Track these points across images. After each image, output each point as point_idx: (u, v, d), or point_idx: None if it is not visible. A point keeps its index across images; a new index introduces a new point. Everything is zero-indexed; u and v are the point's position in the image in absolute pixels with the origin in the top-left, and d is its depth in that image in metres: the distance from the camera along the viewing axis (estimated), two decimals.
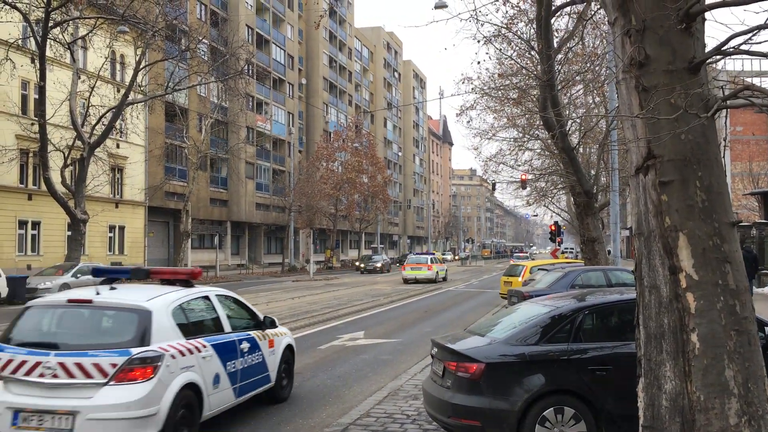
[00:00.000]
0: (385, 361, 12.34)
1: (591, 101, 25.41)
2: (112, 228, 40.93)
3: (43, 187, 31.06)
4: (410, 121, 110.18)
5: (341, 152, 65.20)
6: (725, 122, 43.73)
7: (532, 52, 17.74)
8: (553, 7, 14.57)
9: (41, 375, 6.19)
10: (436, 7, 20.27)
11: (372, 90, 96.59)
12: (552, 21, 14.87)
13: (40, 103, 28.96)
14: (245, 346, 7.95)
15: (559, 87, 18.00)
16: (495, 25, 17.14)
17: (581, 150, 25.95)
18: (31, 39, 29.71)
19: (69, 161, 31.34)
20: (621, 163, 22.68)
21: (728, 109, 5.27)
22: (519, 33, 17.94)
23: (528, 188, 31.46)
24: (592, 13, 15.80)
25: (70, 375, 6.14)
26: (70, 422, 6.01)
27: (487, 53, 40.30)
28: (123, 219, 41.93)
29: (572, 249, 75.83)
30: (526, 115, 23.54)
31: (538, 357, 6.32)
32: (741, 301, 4.44)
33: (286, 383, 9.17)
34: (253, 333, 8.32)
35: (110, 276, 7.76)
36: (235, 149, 50.98)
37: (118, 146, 39.72)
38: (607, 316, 7.04)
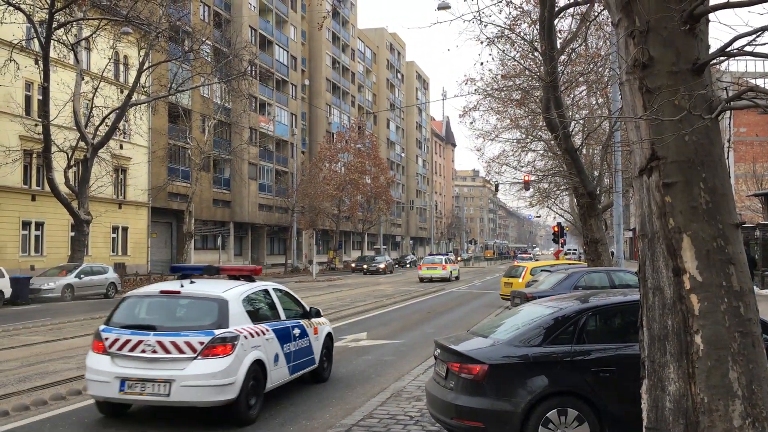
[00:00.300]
0: (388, 362, 12.33)
1: (594, 102, 25.40)
2: (115, 229, 40.98)
3: (47, 188, 31.16)
4: (413, 122, 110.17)
5: (344, 153, 65.20)
6: (729, 123, 43.74)
7: (536, 53, 17.74)
8: (557, 9, 14.58)
9: (143, 351, 7.58)
10: (439, 8, 20.27)
11: (375, 91, 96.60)
12: (555, 22, 14.89)
13: (44, 104, 29.05)
14: (296, 331, 9.34)
15: (563, 88, 17.99)
16: (498, 26, 17.14)
17: (584, 151, 25.96)
18: (35, 40, 29.81)
19: (72, 162, 31.42)
20: (624, 164, 22.68)
21: (732, 111, 5.26)
22: (522, 34, 17.94)
23: (531, 189, 31.46)
24: (596, 14, 15.79)
25: (166, 351, 7.53)
26: (167, 388, 7.43)
27: (490, 54, 40.47)
28: (126, 220, 41.99)
29: (575, 250, 75.76)
30: (529, 117, 23.55)
31: (542, 358, 6.31)
32: (745, 303, 4.43)
33: (326, 365, 10.51)
34: (302, 321, 9.69)
35: (186, 272, 9.11)
36: (238, 150, 51.06)
37: (121, 147, 39.77)
38: (611, 317, 7.03)
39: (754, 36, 4.35)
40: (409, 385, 9.74)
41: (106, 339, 7.82)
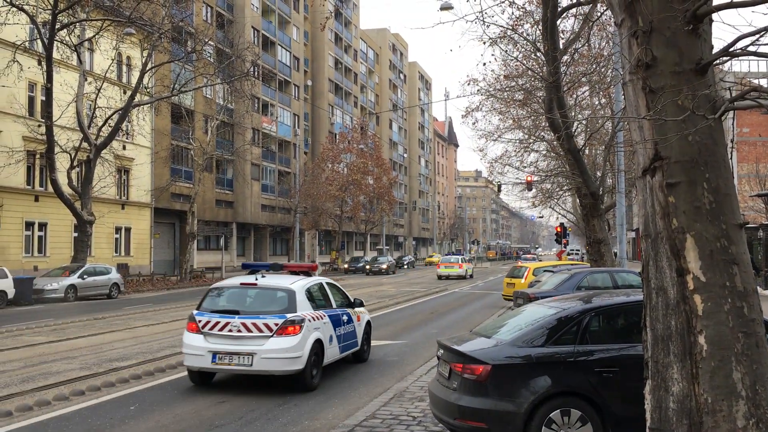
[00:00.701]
0: (390, 363, 12.33)
1: (597, 103, 25.39)
2: (118, 229, 41.03)
3: (50, 189, 31.19)
4: (416, 122, 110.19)
5: (346, 154, 65.20)
6: (732, 124, 43.62)
7: (538, 54, 17.74)
8: (559, 9, 14.58)
9: (230, 330, 9.46)
10: (442, 8, 20.24)
11: (377, 91, 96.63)
12: (558, 22, 14.88)
13: (47, 104, 29.09)
14: (345, 318, 11.22)
15: (565, 88, 17.98)
16: (501, 26, 17.19)
17: (587, 151, 25.95)
18: (38, 41, 29.84)
19: (76, 163, 31.46)
20: (627, 164, 22.65)
21: (735, 111, 5.25)
22: (525, 34, 17.94)
23: (534, 190, 31.47)
24: (599, 15, 15.79)
25: (249, 330, 9.42)
26: (250, 360, 9.31)
27: (492, 55, 40.41)
28: (129, 220, 42.04)
29: (578, 251, 75.70)
30: (532, 117, 23.54)
31: (545, 359, 6.30)
32: (749, 303, 4.42)
33: (366, 348, 12.38)
34: (348, 310, 11.54)
35: (255, 269, 11.02)
36: (241, 151, 51.12)
37: (124, 148, 39.84)
38: (614, 317, 7.02)
39: (758, 36, 4.34)
40: (412, 386, 9.74)
41: (200, 321, 9.67)
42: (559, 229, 40.86)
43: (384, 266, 56.30)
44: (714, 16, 4.68)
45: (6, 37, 29.80)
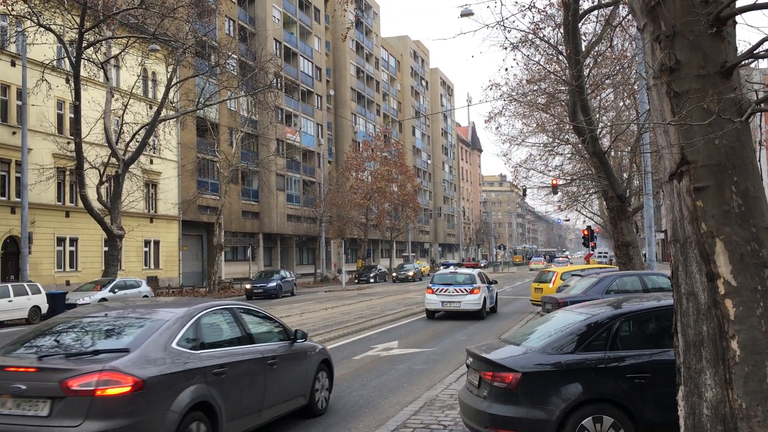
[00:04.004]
0: (420, 371, 12.32)
1: (621, 104, 25.17)
2: (147, 243, 41.56)
3: (80, 205, 31.70)
4: (439, 128, 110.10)
5: (370, 162, 65.33)
6: (759, 123, 42.85)
7: (560, 57, 17.65)
8: (580, 12, 14.51)
9: (448, 292, 21.78)
10: (462, 15, 20.22)
11: (400, 99, 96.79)
12: (579, 25, 14.81)
13: (76, 122, 29.61)
14: (490, 288, 22.99)
15: (589, 91, 17.86)
16: (522, 30, 17.14)
17: (613, 154, 25.69)
18: (66, 60, 30.42)
19: (104, 178, 31.97)
20: (654, 165, 22.39)
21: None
22: (546, 38, 17.88)
23: (559, 193, 31.25)
24: (621, 19, 15.70)
25: (457, 292, 21.72)
26: (459, 305, 21.62)
27: (514, 59, 40.49)
28: (158, 233, 42.56)
29: (606, 253, 74.92)
30: (556, 120, 23.42)
31: (575, 365, 6.26)
32: None
33: (496, 308, 24.23)
34: (491, 285, 23.37)
35: (449, 265, 36.34)
36: (266, 162, 51.51)
37: (151, 162, 40.40)
38: (645, 323, 6.95)
39: None
40: (442, 394, 9.73)
41: (434, 288, 21.91)
42: (586, 233, 40.53)
43: (410, 273, 56.26)
44: (738, 18, 4.65)
45: (34, 57, 30.42)
